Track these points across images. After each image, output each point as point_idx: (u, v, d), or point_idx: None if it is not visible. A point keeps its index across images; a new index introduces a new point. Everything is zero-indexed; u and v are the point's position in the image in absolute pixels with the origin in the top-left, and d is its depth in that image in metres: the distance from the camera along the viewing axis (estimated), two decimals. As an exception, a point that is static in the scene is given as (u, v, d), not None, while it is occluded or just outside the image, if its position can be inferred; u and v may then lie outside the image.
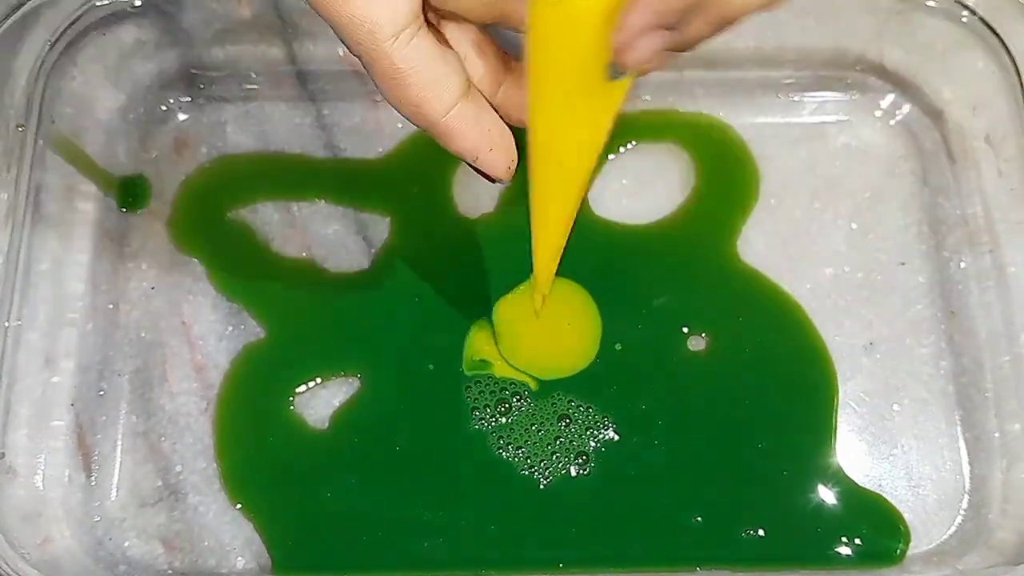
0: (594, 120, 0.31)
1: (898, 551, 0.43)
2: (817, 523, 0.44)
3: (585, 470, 0.44)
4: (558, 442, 0.45)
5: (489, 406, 0.45)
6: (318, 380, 0.46)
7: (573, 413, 0.45)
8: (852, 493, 0.44)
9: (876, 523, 0.44)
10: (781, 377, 0.46)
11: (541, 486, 0.44)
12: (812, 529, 0.44)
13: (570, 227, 0.35)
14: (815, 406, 0.46)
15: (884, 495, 0.44)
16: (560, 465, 0.44)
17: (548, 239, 0.36)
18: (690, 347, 0.46)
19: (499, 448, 0.45)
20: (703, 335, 0.46)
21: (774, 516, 0.44)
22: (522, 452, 0.45)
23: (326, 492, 0.44)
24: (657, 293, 0.47)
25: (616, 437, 0.45)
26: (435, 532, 0.44)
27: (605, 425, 0.45)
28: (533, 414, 0.45)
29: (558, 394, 0.46)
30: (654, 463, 0.44)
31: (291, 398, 0.46)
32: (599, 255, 0.48)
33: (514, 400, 0.45)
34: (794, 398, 0.46)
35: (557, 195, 0.34)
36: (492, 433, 0.45)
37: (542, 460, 0.44)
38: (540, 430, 0.45)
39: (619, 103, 0.30)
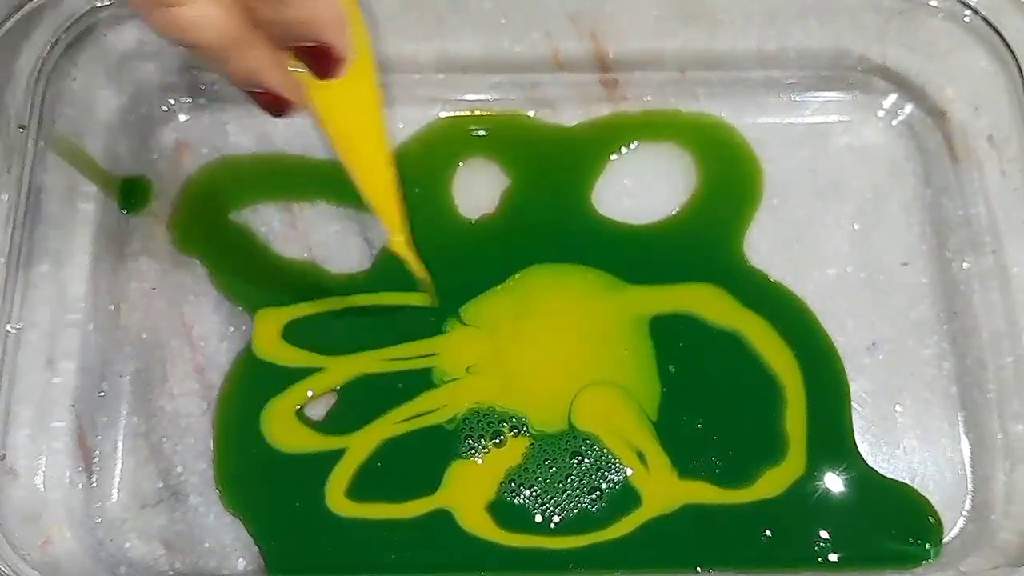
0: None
1: (929, 548, 0.43)
2: (865, 523, 0.43)
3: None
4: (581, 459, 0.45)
5: (490, 424, 0.45)
6: (318, 381, 0.46)
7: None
8: (893, 490, 0.44)
9: (917, 519, 0.44)
10: (796, 379, 0.46)
11: (551, 517, 0.44)
12: (865, 530, 0.43)
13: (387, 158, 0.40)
14: (832, 406, 0.45)
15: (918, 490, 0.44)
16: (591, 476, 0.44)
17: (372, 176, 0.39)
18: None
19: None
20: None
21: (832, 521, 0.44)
22: (523, 476, 0.45)
23: (322, 494, 0.44)
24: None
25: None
26: (434, 536, 0.43)
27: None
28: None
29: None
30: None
31: (291, 399, 0.46)
32: (600, 255, 0.48)
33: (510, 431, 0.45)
34: (811, 399, 0.45)
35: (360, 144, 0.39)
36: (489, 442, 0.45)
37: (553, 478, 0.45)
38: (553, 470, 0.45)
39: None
